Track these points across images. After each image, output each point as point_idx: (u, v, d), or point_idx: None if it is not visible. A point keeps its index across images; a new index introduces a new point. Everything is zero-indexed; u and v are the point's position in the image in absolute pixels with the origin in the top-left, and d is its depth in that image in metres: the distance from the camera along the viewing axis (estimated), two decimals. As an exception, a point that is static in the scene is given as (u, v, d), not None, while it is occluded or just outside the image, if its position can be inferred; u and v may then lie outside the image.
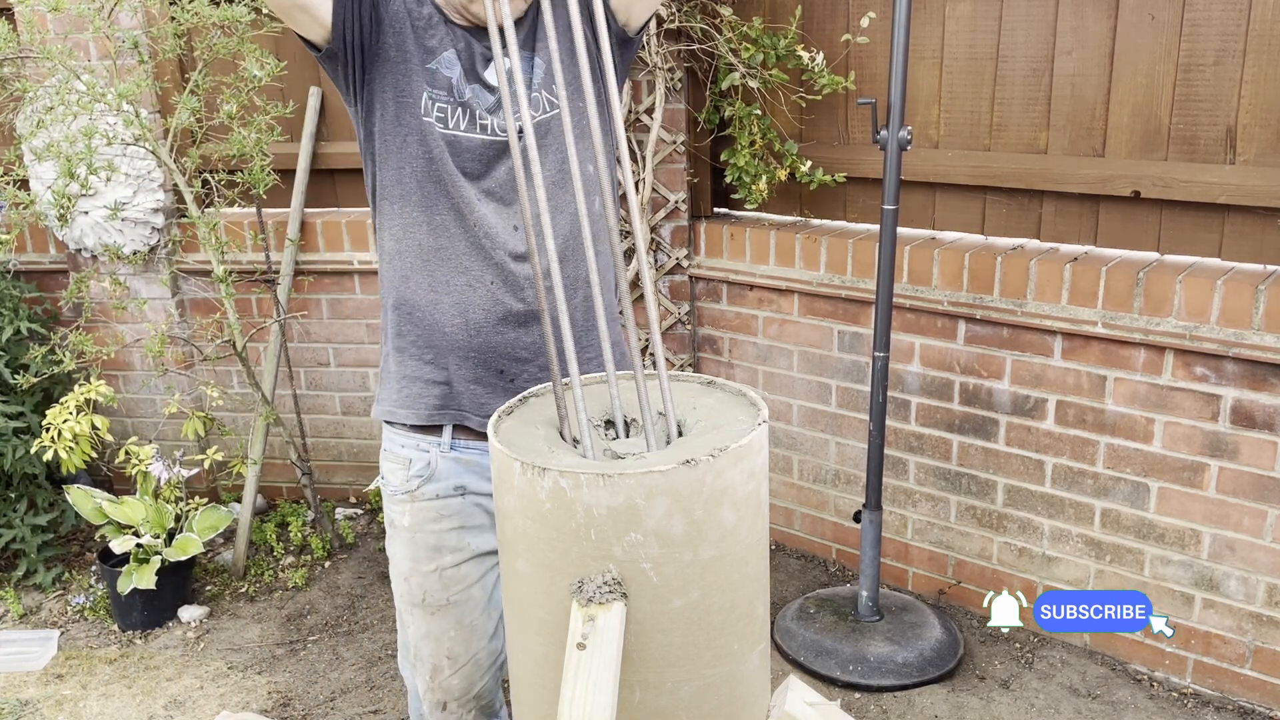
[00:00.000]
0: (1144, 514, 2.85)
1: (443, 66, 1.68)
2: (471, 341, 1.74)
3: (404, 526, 1.83)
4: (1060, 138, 2.92)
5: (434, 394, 1.79)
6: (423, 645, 1.87)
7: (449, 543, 1.81)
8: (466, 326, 1.74)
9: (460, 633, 1.85)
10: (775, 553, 3.62)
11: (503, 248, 1.70)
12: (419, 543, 1.82)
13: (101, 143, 3.00)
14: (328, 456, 3.99)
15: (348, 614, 3.36)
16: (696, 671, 1.15)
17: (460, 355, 1.76)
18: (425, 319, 1.76)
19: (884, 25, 3.07)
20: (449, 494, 1.80)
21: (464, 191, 1.69)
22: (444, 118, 1.68)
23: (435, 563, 1.82)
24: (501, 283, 1.72)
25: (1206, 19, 2.64)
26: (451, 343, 1.75)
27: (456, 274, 1.72)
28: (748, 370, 3.54)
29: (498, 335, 1.74)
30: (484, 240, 1.70)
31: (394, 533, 1.85)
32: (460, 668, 1.87)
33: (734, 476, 1.11)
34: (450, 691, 1.89)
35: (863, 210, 3.32)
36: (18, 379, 3.28)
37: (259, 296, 3.80)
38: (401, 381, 1.81)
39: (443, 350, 1.77)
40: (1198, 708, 2.79)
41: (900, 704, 2.84)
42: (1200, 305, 2.61)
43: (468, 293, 1.72)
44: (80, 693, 3.01)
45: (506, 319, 1.73)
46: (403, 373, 1.81)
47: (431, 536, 1.81)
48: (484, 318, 1.73)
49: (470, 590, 1.84)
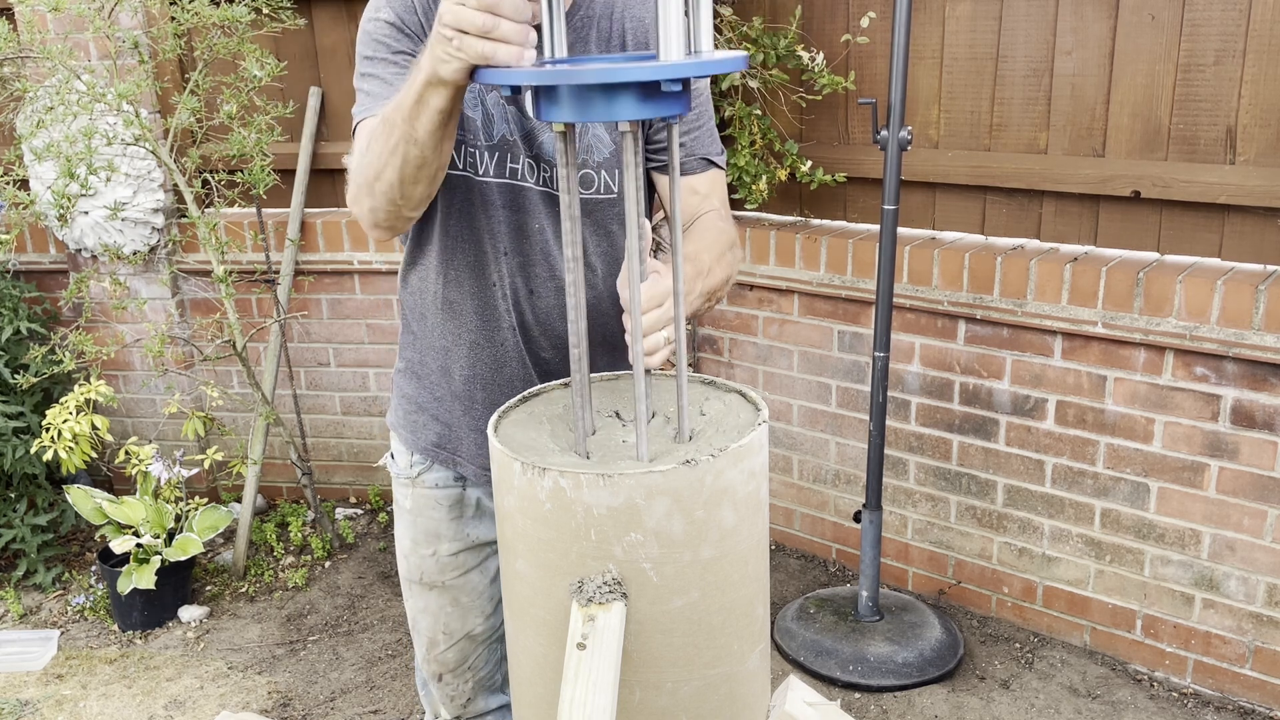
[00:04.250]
0: (1144, 514, 2.84)
1: (466, 106, 1.55)
2: (476, 394, 1.73)
3: (406, 509, 1.85)
4: (1060, 138, 2.92)
5: (434, 430, 1.79)
6: (420, 618, 1.90)
7: (447, 531, 1.83)
8: (473, 379, 1.72)
9: (456, 610, 1.87)
10: (775, 553, 3.62)
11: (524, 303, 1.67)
12: (419, 526, 1.84)
13: (101, 143, 3.00)
14: (328, 456, 3.99)
15: (348, 614, 3.36)
16: (696, 671, 1.15)
17: (464, 405, 1.75)
18: (438, 361, 1.75)
19: (884, 25, 3.07)
20: (449, 484, 1.81)
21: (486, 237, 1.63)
22: (474, 163, 1.58)
23: (433, 547, 1.84)
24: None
25: (1206, 19, 2.64)
26: (455, 391, 1.74)
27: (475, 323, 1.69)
28: (748, 370, 3.54)
29: (505, 390, 1.70)
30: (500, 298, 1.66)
31: (399, 510, 1.88)
32: (455, 642, 1.89)
33: (734, 476, 1.11)
34: (446, 664, 1.92)
35: (863, 210, 3.32)
36: (18, 379, 3.28)
37: (259, 296, 3.80)
38: (405, 402, 1.82)
39: (445, 399, 1.76)
40: (1198, 708, 2.79)
41: (900, 704, 2.84)
42: (1200, 305, 2.61)
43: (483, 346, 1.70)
44: (80, 693, 3.01)
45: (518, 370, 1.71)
46: (404, 393, 1.82)
47: (430, 523, 1.83)
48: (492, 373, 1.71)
49: (468, 575, 1.86)
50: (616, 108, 0.98)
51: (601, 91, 0.97)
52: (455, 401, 1.75)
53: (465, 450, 1.77)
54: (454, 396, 1.75)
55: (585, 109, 0.98)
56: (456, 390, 1.74)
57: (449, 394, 1.75)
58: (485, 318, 1.67)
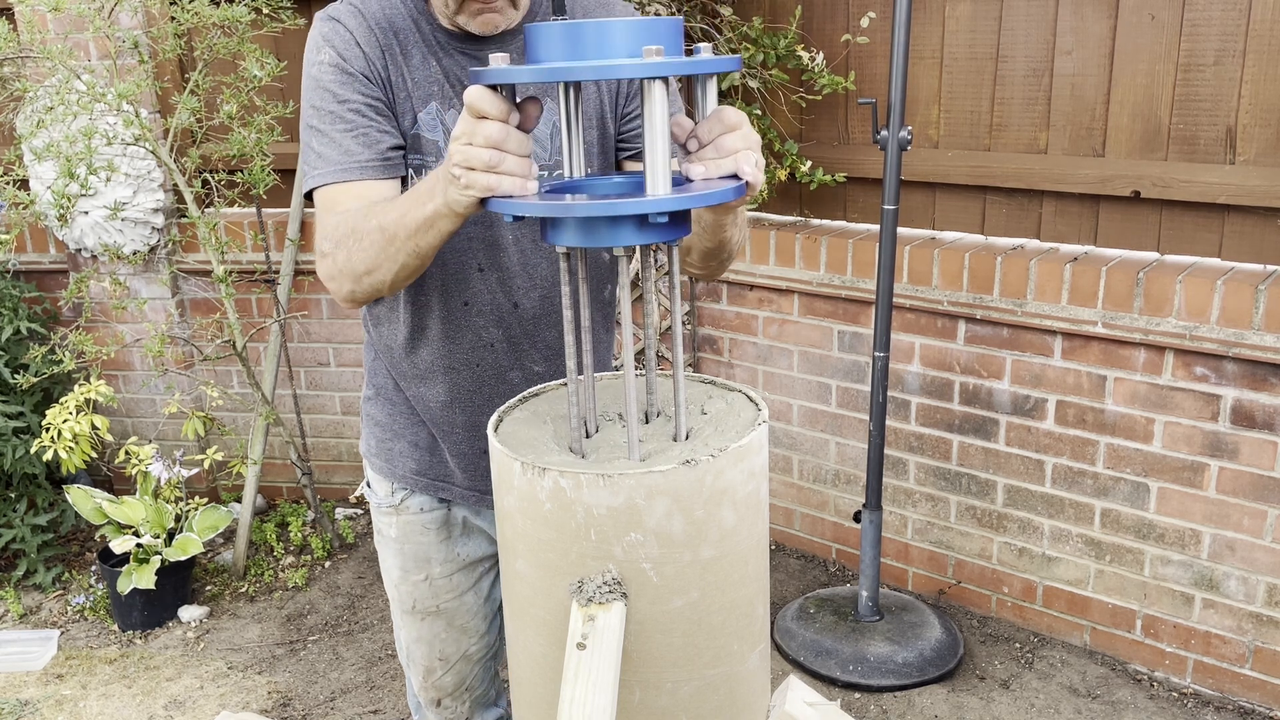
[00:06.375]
0: (1144, 514, 2.84)
1: (424, 128, 1.53)
2: (455, 418, 1.68)
3: (392, 537, 1.80)
4: (1060, 138, 2.92)
5: (413, 457, 1.75)
6: (415, 648, 1.86)
7: (437, 554, 1.79)
8: (451, 404, 1.67)
9: (451, 634, 1.84)
10: (775, 553, 3.62)
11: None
12: (407, 553, 1.79)
13: (101, 143, 3.00)
14: (328, 456, 3.99)
15: (348, 614, 3.36)
16: (696, 671, 1.15)
17: (443, 430, 1.70)
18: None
19: (884, 25, 3.07)
20: (434, 506, 1.77)
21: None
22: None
23: (424, 572, 1.80)
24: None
25: (1206, 19, 2.64)
26: (433, 418, 1.69)
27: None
28: (748, 370, 3.54)
29: (486, 409, 1.66)
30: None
31: (382, 540, 1.83)
32: (452, 666, 1.87)
33: (734, 476, 1.11)
34: (444, 689, 1.89)
35: (863, 210, 3.32)
36: (18, 379, 3.28)
37: (259, 296, 3.80)
38: (378, 430, 1.78)
39: (421, 426, 1.72)
40: (1198, 708, 2.79)
41: (900, 704, 2.84)
42: (1200, 305, 2.61)
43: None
44: (80, 693, 3.01)
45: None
46: (376, 420, 1.77)
47: (419, 548, 1.79)
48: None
49: (463, 597, 1.83)
50: (619, 235, 1.07)
51: (605, 220, 1.06)
52: (434, 427, 1.70)
53: (448, 474, 1.73)
54: (432, 422, 1.69)
55: (589, 236, 1.08)
56: (434, 416, 1.68)
57: (426, 420, 1.70)
58: (460, 341, 1.62)
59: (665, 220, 1.04)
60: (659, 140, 1.04)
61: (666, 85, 1.04)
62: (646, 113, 1.03)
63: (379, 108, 1.48)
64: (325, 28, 1.49)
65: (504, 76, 1.05)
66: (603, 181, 1.21)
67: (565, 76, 1.02)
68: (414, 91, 1.51)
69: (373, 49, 1.48)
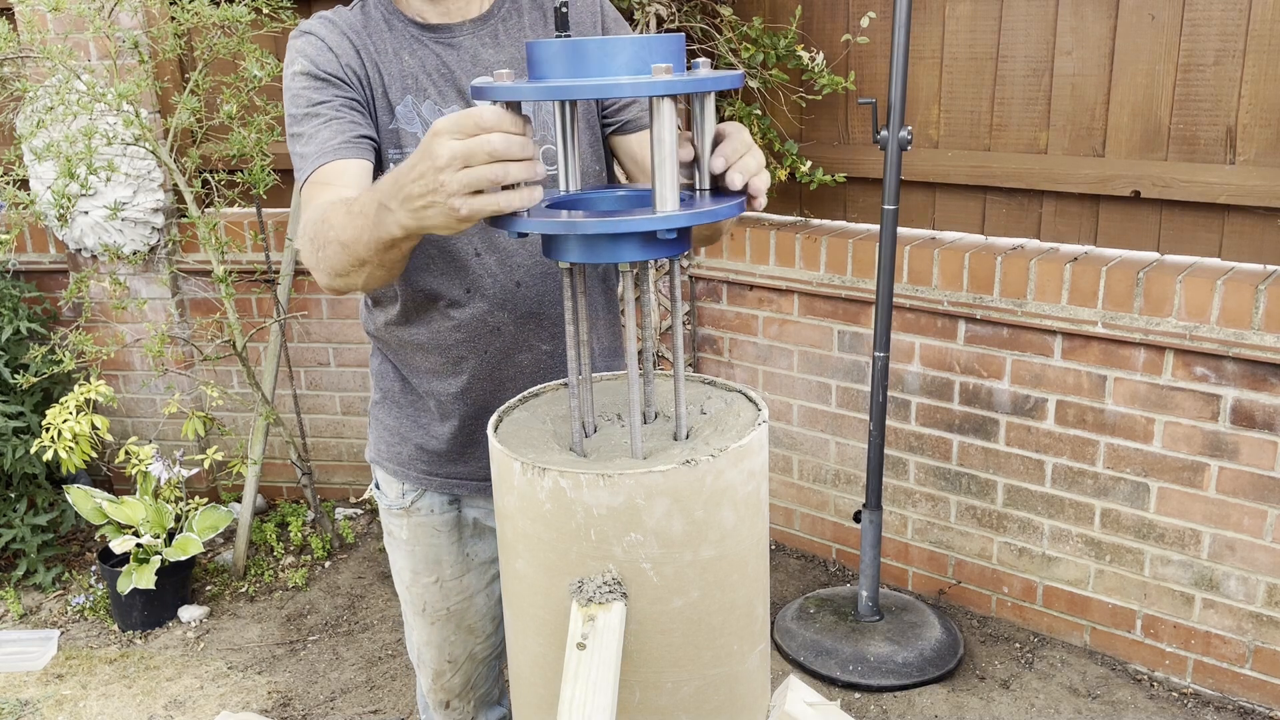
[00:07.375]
0: (1144, 514, 2.84)
1: (402, 121, 1.55)
2: (463, 411, 1.68)
3: (402, 539, 1.80)
4: (1060, 138, 2.92)
5: (423, 459, 1.75)
6: (425, 650, 1.87)
7: (448, 555, 1.79)
8: (459, 397, 1.67)
9: (460, 635, 1.85)
10: (775, 553, 3.62)
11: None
12: (418, 555, 1.79)
13: (101, 143, 3.00)
14: (328, 456, 3.99)
15: (348, 614, 3.36)
16: (696, 671, 1.15)
17: (452, 427, 1.70)
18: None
19: (884, 25, 3.07)
20: (445, 508, 1.77)
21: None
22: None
23: (435, 574, 1.80)
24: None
25: (1206, 19, 2.64)
26: (442, 413, 1.70)
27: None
28: (748, 370, 3.54)
29: (494, 400, 1.65)
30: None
31: (393, 542, 1.83)
32: (459, 668, 1.88)
33: (734, 477, 1.11)
34: (452, 690, 1.90)
35: (863, 210, 3.32)
36: (18, 379, 3.28)
37: (259, 296, 3.80)
38: (386, 434, 1.78)
39: (431, 425, 1.72)
40: (1198, 708, 2.79)
41: (900, 704, 2.84)
42: (1200, 305, 2.61)
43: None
44: (80, 693, 3.01)
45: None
46: (384, 424, 1.78)
47: (430, 550, 1.79)
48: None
49: (473, 599, 1.83)
50: (623, 250, 1.07)
51: (607, 238, 1.06)
52: (444, 423, 1.69)
53: (460, 471, 1.73)
54: (441, 418, 1.69)
55: (593, 252, 1.07)
56: (445, 411, 1.68)
57: (434, 418, 1.70)
58: (463, 332, 1.61)
59: (673, 236, 1.04)
60: (667, 157, 1.04)
61: (675, 102, 1.04)
62: (655, 131, 1.03)
63: (354, 105, 1.51)
64: (298, 42, 1.54)
65: (510, 94, 1.03)
66: (603, 195, 1.21)
67: (570, 95, 1.01)
68: (389, 86, 1.53)
69: (345, 50, 1.52)
